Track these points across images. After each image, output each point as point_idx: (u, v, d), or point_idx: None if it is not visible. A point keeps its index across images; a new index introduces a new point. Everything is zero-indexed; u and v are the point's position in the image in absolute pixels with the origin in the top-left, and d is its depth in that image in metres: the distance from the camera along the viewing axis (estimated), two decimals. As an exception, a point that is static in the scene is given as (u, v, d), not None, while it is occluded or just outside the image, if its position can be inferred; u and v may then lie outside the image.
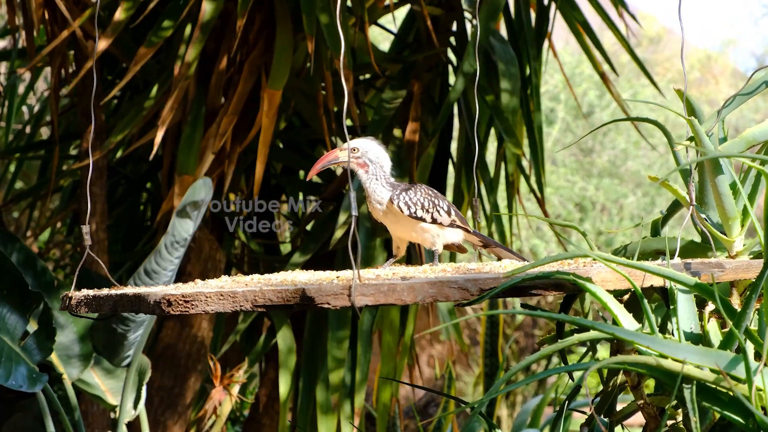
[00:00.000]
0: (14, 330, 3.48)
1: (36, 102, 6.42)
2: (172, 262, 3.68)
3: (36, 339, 3.54)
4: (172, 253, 3.67)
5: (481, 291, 1.92)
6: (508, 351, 9.74)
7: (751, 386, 1.82)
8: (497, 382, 1.86)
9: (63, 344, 3.90)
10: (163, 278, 3.68)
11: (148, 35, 4.20)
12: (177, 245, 3.66)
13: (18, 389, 3.41)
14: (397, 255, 2.56)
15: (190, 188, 3.67)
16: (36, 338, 3.54)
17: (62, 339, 3.91)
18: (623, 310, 2.02)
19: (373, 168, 2.46)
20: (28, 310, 3.52)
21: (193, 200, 3.63)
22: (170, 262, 3.68)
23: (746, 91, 2.41)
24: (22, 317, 3.51)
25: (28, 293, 3.52)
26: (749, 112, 15.06)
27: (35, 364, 3.50)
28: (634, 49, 4.91)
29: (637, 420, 2.31)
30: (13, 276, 3.52)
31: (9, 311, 3.49)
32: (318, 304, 1.86)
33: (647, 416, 2.19)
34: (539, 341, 2.40)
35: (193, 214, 3.65)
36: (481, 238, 2.56)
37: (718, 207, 2.33)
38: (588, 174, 12.50)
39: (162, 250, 3.67)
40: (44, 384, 3.53)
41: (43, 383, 3.49)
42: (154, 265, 3.68)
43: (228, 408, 4.31)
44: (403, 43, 5.12)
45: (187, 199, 3.64)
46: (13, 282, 3.51)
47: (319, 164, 2.44)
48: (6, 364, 3.38)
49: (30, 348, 3.50)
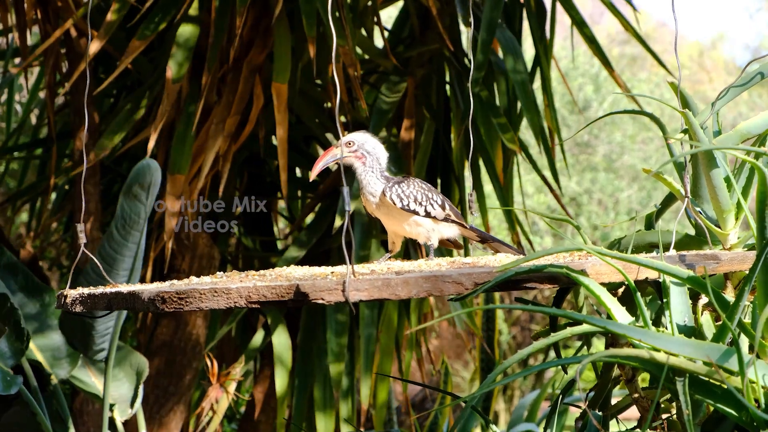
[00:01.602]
0: None
1: (22, 101, 6.42)
2: (126, 246, 3.64)
3: (8, 342, 3.53)
4: (126, 237, 3.63)
5: (475, 285, 1.92)
6: (505, 346, 9.75)
7: (744, 379, 1.82)
8: (490, 376, 1.86)
9: (51, 346, 3.90)
10: (122, 264, 3.64)
11: (139, 29, 4.19)
12: (128, 227, 3.62)
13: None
14: (392, 251, 2.56)
15: (135, 168, 3.63)
16: (7, 341, 3.53)
17: (51, 341, 3.90)
18: (616, 303, 2.02)
19: (370, 160, 2.45)
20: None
21: (138, 182, 3.59)
22: (125, 246, 3.63)
23: (740, 83, 2.41)
24: None
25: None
26: (746, 109, 15.07)
27: (9, 367, 3.49)
28: (628, 44, 4.90)
29: (633, 414, 2.31)
30: None
31: None
32: (312, 300, 1.86)
33: (642, 410, 2.19)
34: (534, 335, 2.40)
35: (141, 196, 3.61)
36: (478, 233, 2.56)
37: (713, 200, 2.34)
38: (584, 168, 12.51)
39: (113, 232, 3.64)
40: (19, 386, 3.52)
41: (18, 385, 3.48)
42: (108, 249, 3.66)
43: (224, 405, 4.31)
44: (397, 39, 5.12)
45: (132, 180, 3.61)
46: None
47: (319, 163, 2.44)
48: None
49: (2, 351, 3.50)
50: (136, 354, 4.12)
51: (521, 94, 4.61)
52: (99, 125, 4.72)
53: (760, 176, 1.94)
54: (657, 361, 1.84)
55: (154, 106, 4.51)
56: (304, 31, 4.02)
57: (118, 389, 4.08)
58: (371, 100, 4.98)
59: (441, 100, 4.93)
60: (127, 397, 4.09)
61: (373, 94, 5.08)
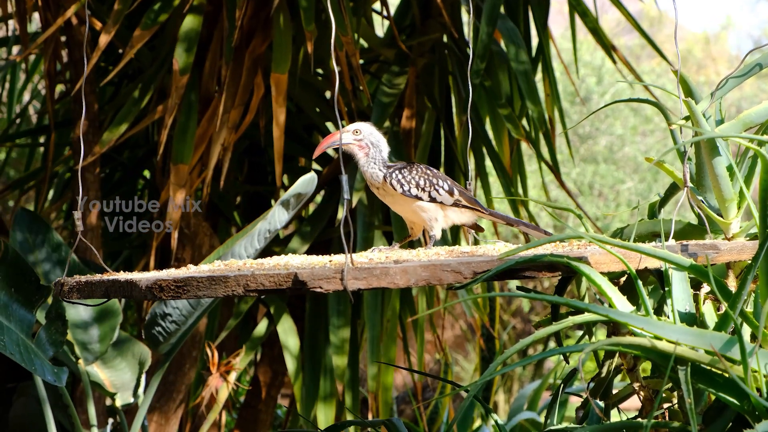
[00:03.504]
0: (24, 325, 3.44)
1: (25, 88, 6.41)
2: (256, 251, 3.61)
3: (47, 333, 3.50)
4: (260, 242, 3.59)
5: (474, 274, 1.91)
6: (506, 337, 9.75)
7: (747, 368, 1.81)
8: (492, 365, 1.85)
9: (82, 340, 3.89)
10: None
11: (143, 18, 4.18)
12: (269, 234, 3.58)
13: (53, 383, 3.38)
14: (412, 236, 2.55)
15: (302, 180, 3.55)
16: (47, 332, 3.49)
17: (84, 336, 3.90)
18: (617, 292, 2.01)
19: (373, 152, 2.45)
20: (35, 305, 3.48)
21: (299, 192, 3.52)
22: (255, 251, 3.60)
23: (740, 73, 2.40)
24: (30, 312, 3.47)
25: (38, 287, 3.47)
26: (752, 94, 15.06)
27: (48, 358, 3.46)
28: (629, 35, 4.89)
29: (635, 404, 2.30)
30: (21, 269, 3.48)
31: (18, 306, 3.45)
32: (310, 288, 1.85)
33: (643, 399, 2.19)
34: (535, 324, 2.39)
35: (292, 206, 3.55)
36: (501, 217, 2.54)
37: (715, 189, 2.33)
38: (585, 159, 12.49)
39: (255, 237, 3.58)
40: (66, 375, 3.48)
41: (66, 374, 3.45)
42: (242, 250, 3.59)
43: (225, 395, 4.31)
44: (398, 28, 5.10)
45: (295, 189, 3.54)
46: (22, 276, 3.47)
47: (324, 144, 2.43)
48: (35, 359, 3.34)
49: (42, 343, 3.47)
50: (139, 343, 4.11)
51: (523, 84, 4.60)
52: (99, 113, 4.70)
53: (764, 163, 1.92)
54: (659, 350, 1.83)
55: (154, 95, 4.50)
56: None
57: (120, 378, 4.08)
58: (372, 90, 4.96)
59: (443, 90, 4.92)
60: (129, 385, 4.09)
61: (374, 84, 5.06)
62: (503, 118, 4.58)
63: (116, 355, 4.07)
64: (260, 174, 5.36)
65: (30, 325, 3.45)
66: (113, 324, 3.95)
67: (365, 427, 2.70)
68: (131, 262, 5.21)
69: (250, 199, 5.38)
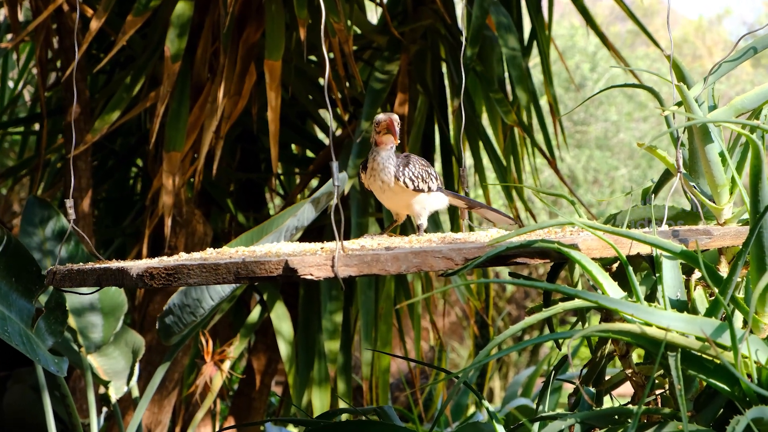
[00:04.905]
0: (24, 315, 3.43)
1: (14, 78, 6.39)
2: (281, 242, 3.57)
3: (46, 323, 3.48)
4: (287, 239, 3.56)
5: (465, 260, 1.90)
6: (501, 323, 9.76)
7: (737, 354, 1.81)
8: (484, 350, 1.85)
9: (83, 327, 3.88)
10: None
11: (135, 4, 4.16)
12: (296, 230, 3.55)
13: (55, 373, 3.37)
14: (397, 221, 2.54)
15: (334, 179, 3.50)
16: (46, 322, 3.48)
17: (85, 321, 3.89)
18: (608, 278, 2.00)
19: (393, 146, 2.41)
20: (35, 294, 3.46)
21: (330, 192, 3.48)
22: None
23: (733, 57, 2.39)
24: (29, 302, 3.46)
25: (39, 276, 3.45)
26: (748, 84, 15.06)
27: (47, 348, 3.45)
28: (623, 22, 4.88)
29: (627, 390, 2.30)
30: (22, 258, 3.45)
31: (18, 296, 3.44)
32: (301, 276, 1.84)
33: (635, 386, 2.19)
34: (528, 310, 2.39)
35: (321, 205, 3.52)
36: (466, 200, 2.54)
37: (707, 175, 2.32)
38: (579, 145, 12.49)
39: (282, 233, 3.52)
40: (67, 365, 3.47)
41: (66, 364, 3.44)
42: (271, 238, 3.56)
43: (219, 383, 4.30)
44: (390, 14, 5.08)
45: (327, 188, 3.50)
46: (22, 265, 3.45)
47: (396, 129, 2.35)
48: (37, 348, 3.33)
49: (41, 332, 3.45)
50: (132, 332, 4.10)
51: (514, 70, 4.59)
52: (91, 101, 4.68)
53: (754, 149, 1.92)
54: (649, 336, 1.83)
55: (146, 83, 4.48)
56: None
57: (113, 366, 4.07)
58: (365, 77, 4.94)
59: (436, 76, 4.91)
60: (123, 374, 4.08)
61: (367, 71, 5.05)
62: (495, 103, 4.58)
63: (110, 344, 4.07)
64: (253, 161, 5.35)
65: (30, 315, 3.44)
66: (118, 314, 3.95)
67: (357, 414, 2.69)
68: (124, 250, 5.20)
69: (242, 186, 5.36)
